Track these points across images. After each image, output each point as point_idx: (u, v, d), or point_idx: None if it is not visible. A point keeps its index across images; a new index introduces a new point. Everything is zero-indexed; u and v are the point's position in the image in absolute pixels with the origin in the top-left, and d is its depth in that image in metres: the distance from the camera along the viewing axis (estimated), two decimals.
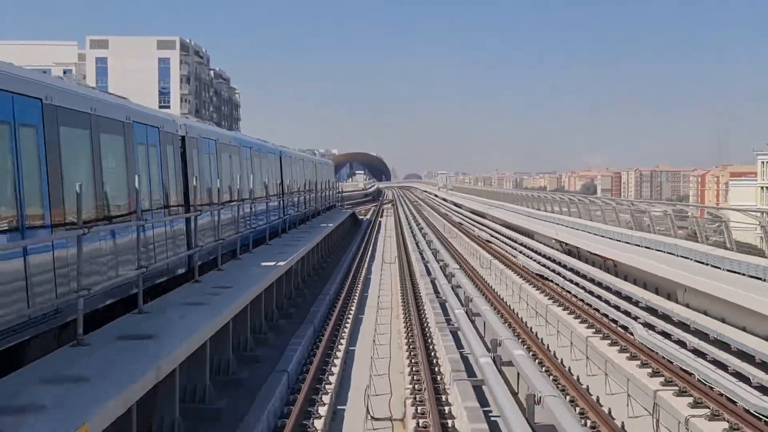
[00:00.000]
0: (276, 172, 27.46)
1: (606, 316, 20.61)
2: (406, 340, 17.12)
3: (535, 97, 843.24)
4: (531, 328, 22.03)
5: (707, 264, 18.82)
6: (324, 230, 29.65)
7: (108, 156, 11.47)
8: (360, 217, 59.45)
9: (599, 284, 23.46)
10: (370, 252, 36.90)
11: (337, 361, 15.14)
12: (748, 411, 12.66)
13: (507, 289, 27.18)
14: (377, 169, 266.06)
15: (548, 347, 19.52)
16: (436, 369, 14.63)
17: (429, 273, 27.67)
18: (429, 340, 17.15)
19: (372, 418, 11.99)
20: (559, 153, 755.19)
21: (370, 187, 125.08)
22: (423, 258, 32.31)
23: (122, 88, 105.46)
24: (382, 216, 66.97)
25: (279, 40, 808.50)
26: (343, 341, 17.09)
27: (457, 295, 22.73)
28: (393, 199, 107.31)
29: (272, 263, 17.92)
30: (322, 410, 11.90)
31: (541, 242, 33.53)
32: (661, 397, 13.80)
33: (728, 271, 17.77)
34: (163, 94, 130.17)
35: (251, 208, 21.02)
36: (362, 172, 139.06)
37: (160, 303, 12.39)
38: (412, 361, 15.15)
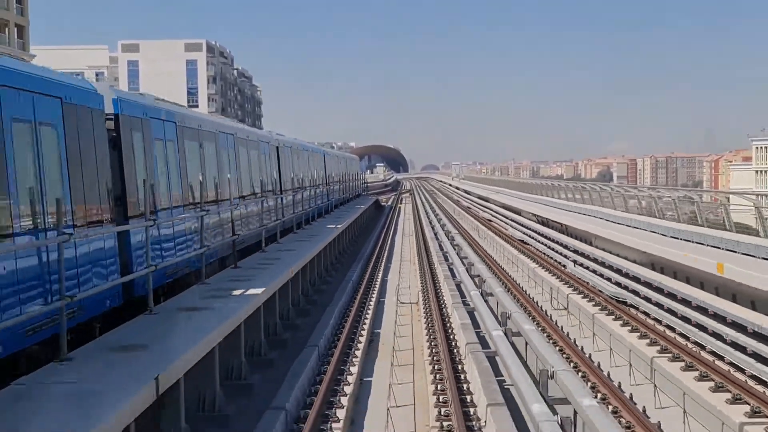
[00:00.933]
0: (321, 168, 37.55)
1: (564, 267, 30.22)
2: (419, 271, 27.25)
3: (554, 85, 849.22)
4: (496, 261, 31.80)
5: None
6: (358, 210, 39.90)
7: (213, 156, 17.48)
8: (382, 204, 69.77)
9: (555, 241, 33.17)
10: (393, 227, 47.03)
11: (378, 280, 25.30)
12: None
13: (495, 251, 36.97)
14: (395, 160, 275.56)
15: (517, 282, 29.27)
16: (435, 277, 24.63)
17: (437, 239, 37.56)
18: (432, 269, 27.14)
19: (399, 303, 21.99)
20: (577, 141, 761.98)
21: (390, 179, 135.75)
22: (434, 230, 42.18)
23: (153, 89, 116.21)
24: (401, 203, 77.23)
25: (294, 33, 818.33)
26: (380, 272, 27.28)
27: (457, 253, 32.60)
28: (411, 188, 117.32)
29: (332, 226, 28.09)
30: (372, 302, 21.80)
31: (526, 218, 43.48)
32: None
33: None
34: (191, 94, 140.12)
35: (310, 193, 31.13)
36: (382, 164, 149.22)
37: (249, 261, 17.87)
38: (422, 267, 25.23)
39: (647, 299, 19.87)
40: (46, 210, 9.18)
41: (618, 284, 22.23)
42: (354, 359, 14.29)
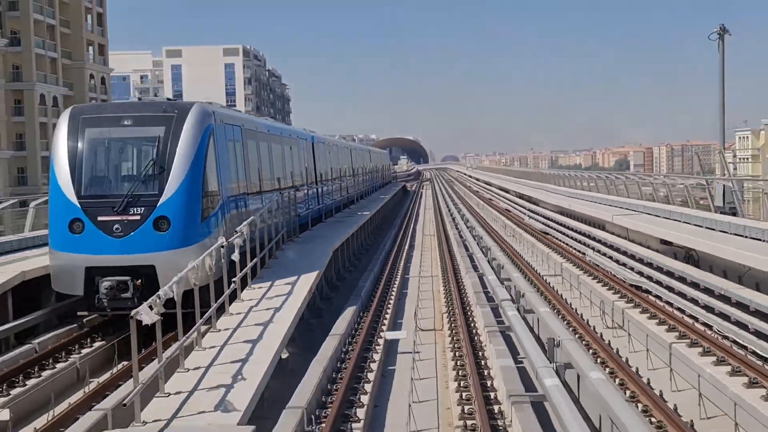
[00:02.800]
0: (367, 161, 55.35)
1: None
2: (434, 223, 44.96)
3: (576, 74, 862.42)
4: (487, 222, 49.23)
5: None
6: (393, 191, 57.96)
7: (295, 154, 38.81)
8: (408, 189, 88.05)
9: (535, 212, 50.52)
10: (418, 204, 64.91)
11: (411, 225, 43.06)
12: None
13: (489, 218, 54.47)
14: (415, 152, 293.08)
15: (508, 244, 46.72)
16: (445, 229, 42.33)
17: (451, 215, 55.16)
18: (443, 230, 44.73)
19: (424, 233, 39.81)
20: (597, 131, 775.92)
21: (412, 169, 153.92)
22: (448, 208, 59.79)
23: (194, 90, 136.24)
24: (422, 188, 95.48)
25: (314, 28, 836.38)
26: (413, 221, 45.13)
27: (465, 222, 50.11)
28: (430, 178, 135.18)
29: (378, 202, 46.03)
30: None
31: (512, 194, 61.22)
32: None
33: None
34: (229, 94, 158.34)
35: (361, 180, 48.91)
36: (405, 157, 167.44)
37: (344, 212, 37.03)
38: (437, 221, 43.00)
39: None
40: (302, 179, 26.81)
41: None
42: (402, 256, 32.01)
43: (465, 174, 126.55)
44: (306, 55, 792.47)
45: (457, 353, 14.69)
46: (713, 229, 22.79)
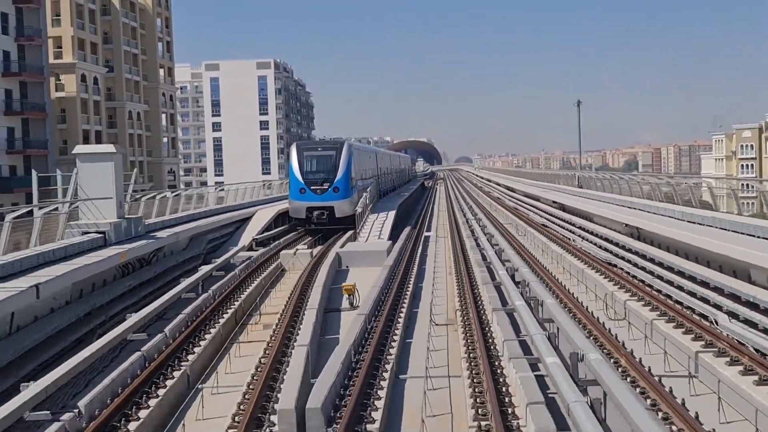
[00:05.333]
0: (398, 163, 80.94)
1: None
2: (446, 205, 70.46)
3: (588, 74, 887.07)
4: (483, 206, 74.42)
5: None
6: (416, 185, 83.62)
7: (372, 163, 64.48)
8: (425, 186, 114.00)
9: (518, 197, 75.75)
10: (434, 192, 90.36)
11: (432, 203, 68.65)
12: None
13: (481, 199, 79.48)
14: (429, 154, 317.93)
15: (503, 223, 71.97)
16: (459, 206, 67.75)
17: (459, 201, 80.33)
18: (451, 206, 70.06)
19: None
20: (608, 131, 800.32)
21: (427, 170, 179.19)
22: (457, 195, 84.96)
23: (231, 100, 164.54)
24: (437, 185, 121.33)
25: (329, 30, 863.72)
26: (431, 203, 70.75)
27: (472, 213, 75.31)
28: (443, 177, 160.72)
29: (411, 188, 71.64)
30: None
31: (506, 190, 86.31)
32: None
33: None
34: (262, 104, 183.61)
35: (397, 177, 74.66)
36: (421, 159, 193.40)
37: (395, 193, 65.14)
38: (448, 203, 68.57)
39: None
40: (374, 174, 53.02)
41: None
42: (428, 213, 57.43)
43: (473, 173, 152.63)
44: (318, 58, 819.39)
45: (455, 242, 39.78)
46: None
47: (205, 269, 25.17)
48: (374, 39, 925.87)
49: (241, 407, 12.88)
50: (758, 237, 21.96)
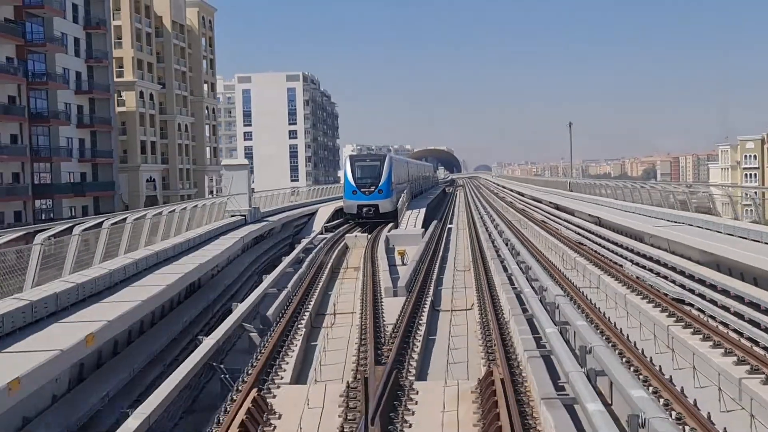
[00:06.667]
0: (423, 170, 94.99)
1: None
2: (464, 206, 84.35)
3: (609, 83, 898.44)
4: (498, 209, 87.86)
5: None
6: (439, 189, 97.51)
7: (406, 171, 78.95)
8: (446, 191, 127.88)
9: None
10: (455, 199, 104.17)
11: (454, 202, 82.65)
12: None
13: (495, 202, 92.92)
14: (449, 162, 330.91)
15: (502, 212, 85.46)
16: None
17: (476, 203, 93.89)
18: (469, 207, 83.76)
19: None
20: (628, 140, 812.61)
21: (447, 178, 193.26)
22: (474, 200, 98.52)
23: (262, 110, 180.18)
24: (457, 190, 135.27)
25: (350, 40, 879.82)
26: (453, 204, 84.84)
27: (486, 213, 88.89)
28: (463, 184, 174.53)
29: (434, 192, 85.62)
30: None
31: (518, 194, 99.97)
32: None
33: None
34: (291, 114, 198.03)
35: (423, 182, 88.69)
36: (442, 167, 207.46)
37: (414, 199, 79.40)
38: (467, 204, 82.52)
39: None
40: (406, 179, 67.48)
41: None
42: (451, 211, 71.40)
43: (491, 180, 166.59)
44: (339, 67, 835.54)
45: (472, 232, 53.43)
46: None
47: (304, 242, 39.07)
48: (396, 49, 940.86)
49: (361, 293, 26.54)
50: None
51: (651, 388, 15.64)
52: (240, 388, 14.23)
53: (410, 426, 12.81)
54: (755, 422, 14.59)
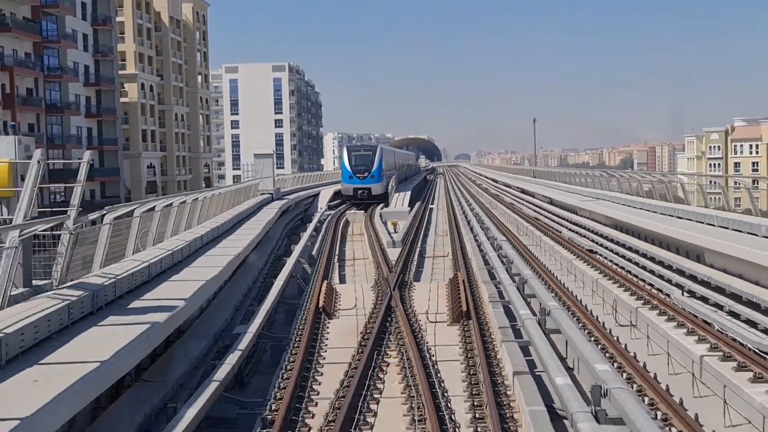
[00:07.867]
0: (407, 159, 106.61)
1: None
2: (444, 188, 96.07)
3: (589, 73, 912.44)
4: (470, 190, 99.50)
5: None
6: (421, 177, 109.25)
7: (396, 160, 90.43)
8: (427, 179, 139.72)
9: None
10: (435, 185, 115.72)
11: (437, 183, 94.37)
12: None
13: (469, 185, 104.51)
14: (430, 150, 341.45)
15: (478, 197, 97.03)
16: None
17: (455, 189, 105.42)
18: (448, 192, 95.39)
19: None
20: (607, 130, 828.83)
21: (429, 166, 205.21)
22: (453, 186, 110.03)
23: (248, 100, 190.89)
24: (437, 178, 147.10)
25: (331, 28, 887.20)
26: (436, 187, 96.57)
27: (463, 196, 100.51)
28: (443, 172, 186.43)
29: (416, 179, 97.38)
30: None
31: (491, 181, 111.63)
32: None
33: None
34: (276, 103, 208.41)
35: (407, 169, 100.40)
36: (423, 156, 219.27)
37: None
38: (446, 187, 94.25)
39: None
40: (394, 167, 79.34)
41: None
42: (432, 194, 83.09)
43: (469, 169, 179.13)
44: (321, 56, 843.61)
45: (449, 210, 65.09)
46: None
47: (317, 215, 50.61)
48: (377, 38, 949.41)
49: (369, 246, 38.03)
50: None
51: (560, 301, 27.30)
52: (315, 282, 25.82)
53: (412, 296, 24.51)
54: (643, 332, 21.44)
